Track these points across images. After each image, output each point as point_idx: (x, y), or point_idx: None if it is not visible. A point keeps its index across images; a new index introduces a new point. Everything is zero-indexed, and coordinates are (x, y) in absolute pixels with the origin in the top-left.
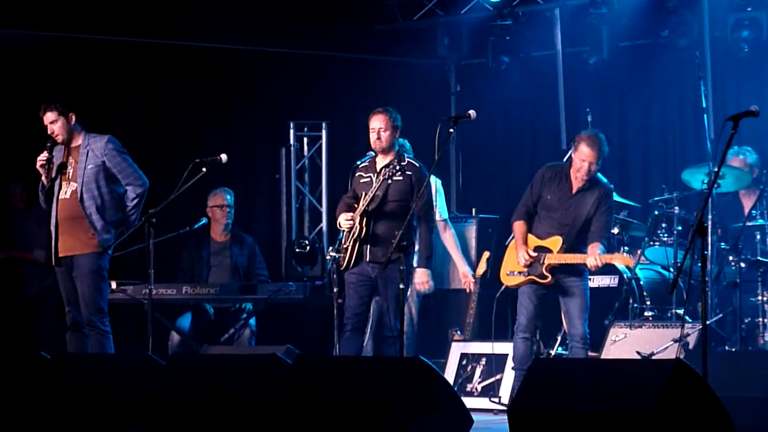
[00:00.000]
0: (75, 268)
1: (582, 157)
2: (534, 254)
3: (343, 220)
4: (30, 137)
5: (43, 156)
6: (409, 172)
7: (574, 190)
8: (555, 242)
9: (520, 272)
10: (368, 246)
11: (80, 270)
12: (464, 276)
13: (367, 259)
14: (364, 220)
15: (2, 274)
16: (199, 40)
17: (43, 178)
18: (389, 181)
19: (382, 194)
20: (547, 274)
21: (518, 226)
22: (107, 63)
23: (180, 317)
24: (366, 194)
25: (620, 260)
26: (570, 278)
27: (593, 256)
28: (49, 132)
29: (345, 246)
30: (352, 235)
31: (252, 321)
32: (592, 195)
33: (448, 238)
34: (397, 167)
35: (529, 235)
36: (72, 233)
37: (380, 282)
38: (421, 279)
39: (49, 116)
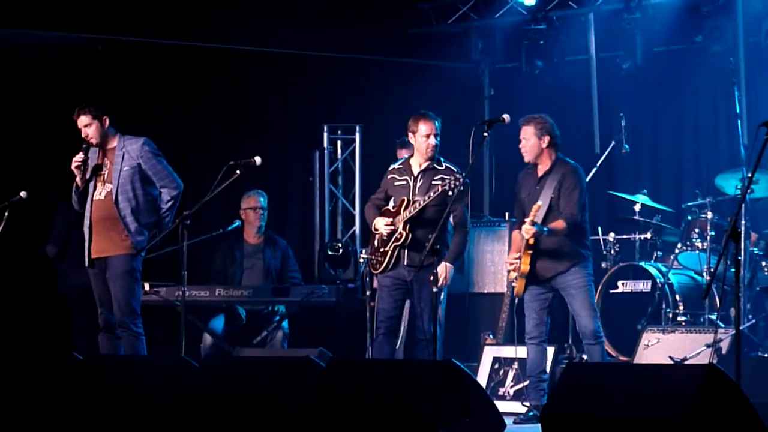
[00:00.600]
0: (108, 270)
1: (520, 137)
2: (515, 256)
3: (383, 225)
4: (65, 138)
5: (79, 157)
6: (448, 177)
7: (539, 176)
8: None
9: (515, 278)
10: (406, 250)
11: (113, 271)
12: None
13: (405, 263)
14: (408, 225)
15: (37, 273)
16: (234, 43)
17: (77, 179)
18: (450, 193)
19: (423, 200)
20: (531, 240)
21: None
22: (143, 65)
23: (213, 319)
24: (411, 200)
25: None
26: (567, 276)
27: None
28: (83, 135)
29: (384, 249)
30: (394, 240)
31: (285, 323)
32: (554, 178)
33: None
34: (453, 181)
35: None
36: (106, 235)
37: (415, 285)
38: (442, 271)
39: (82, 120)
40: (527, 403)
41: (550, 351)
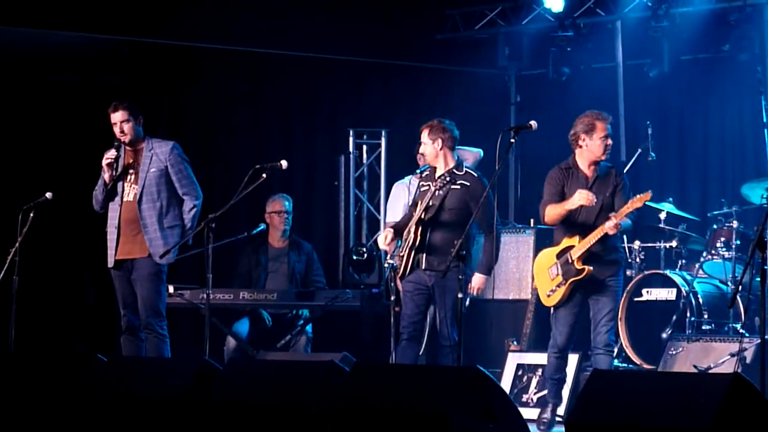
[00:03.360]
0: (134, 271)
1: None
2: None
3: (380, 239)
4: (91, 139)
5: (111, 154)
6: (467, 183)
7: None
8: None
9: (558, 285)
10: (423, 254)
11: (139, 273)
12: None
13: (423, 267)
14: (420, 229)
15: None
16: (260, 46)
17: (105, 176)
18: (440, 192)
19: (439, 203)
20: (582, 266)
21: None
22: (169, 67)
23: (237, 323)
24: (421, 203)
25: (638, 201)
26: (603, 271)
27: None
28: (117, 130)
29: (401, 254)
30: (407, 244)
31: (308, 328)
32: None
33: None
34: (447, 178)
35: (546, 251)
36: (133, 236)
37: (437, 290)
38: (477, 284)
39: (119, 115)
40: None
41: (574, 358)
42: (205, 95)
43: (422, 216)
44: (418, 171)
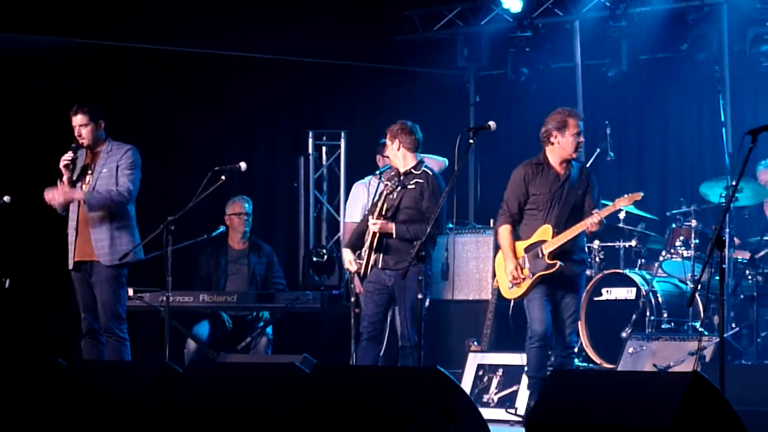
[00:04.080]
0: (93, 274)
1: None
2: (521, 269)
3: (346, 264)
4: (51, 141)
5: (68, 156)
6: (420, 180)
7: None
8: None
9: (523, 278)
10: (381, 254)
11: (98, 276)
12: None
13: (380, 266)
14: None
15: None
16: (220, 48)
17: (65, 178)
18: (395, 193)
19: (396, 204)
20: (553, 260)
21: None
22: (129, 70)
23: (197, 325)
24: (379, 204)
25: (626, 201)
26: (572, 269)
27: (595, 216)
28: (76, 134)
29: (363, 254)
30: (366, 244)
31: (269, 330)
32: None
33: None
34: (402, 178)
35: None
36: (88, 238)
37: (397, 291)
38: (381, 224)
39: (79, 119)
40: (512, 410)
41: None
42: (165, 97)
43: (381, 216)
44: (377, 172)
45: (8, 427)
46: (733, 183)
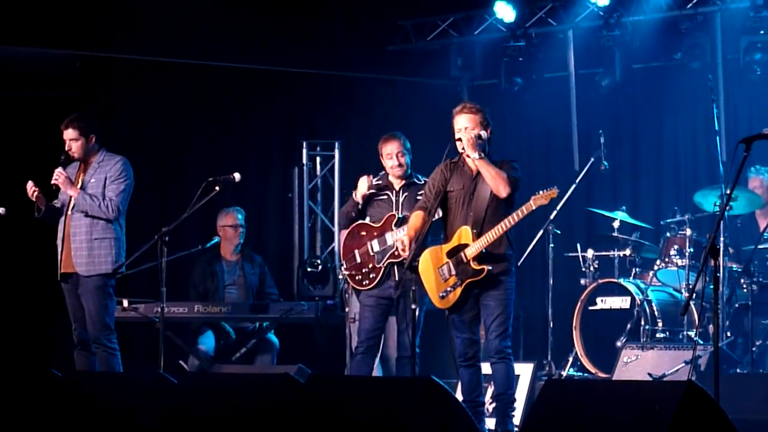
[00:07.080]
0: (80, 286)
1: None
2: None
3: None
4: (44, 153)
5: (59, 172)
6: (418, 183)
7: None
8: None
9: (453, 286)
10: (396, 265)
11: (84, 287)
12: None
13: (396, 278)
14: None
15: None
16: (214, 59)
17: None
18: (404, 200)
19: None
20: (480, 266)
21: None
22: (122, 81)
23: (202, 336)
24: (403, 217)
25: (543, 199)
26: (496, 266)
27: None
28: (66, 147)
29: (376, 266)
30: (391, 257)
31: (275, 338)
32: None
33: None
34: (405, 184)
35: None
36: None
37: (401, 301)
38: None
39: (70, 133)
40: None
41: (529, 367)
42: (159, 109)
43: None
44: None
45: None
46: (728, 191)
